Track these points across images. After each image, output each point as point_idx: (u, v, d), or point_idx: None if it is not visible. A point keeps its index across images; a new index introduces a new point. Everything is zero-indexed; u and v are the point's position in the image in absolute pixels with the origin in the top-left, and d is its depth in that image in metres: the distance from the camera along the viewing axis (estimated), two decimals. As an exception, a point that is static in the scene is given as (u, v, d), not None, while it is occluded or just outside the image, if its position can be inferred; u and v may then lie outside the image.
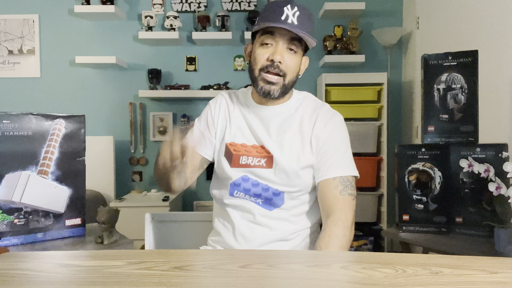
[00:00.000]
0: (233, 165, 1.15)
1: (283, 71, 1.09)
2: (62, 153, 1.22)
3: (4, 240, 1.13)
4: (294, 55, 1.10)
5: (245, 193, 1.15)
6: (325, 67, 3.20)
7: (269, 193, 1.13)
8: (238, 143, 1.17)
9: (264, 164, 1.14)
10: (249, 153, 1.15)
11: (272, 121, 1.16)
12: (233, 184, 1.16)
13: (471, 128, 1.54)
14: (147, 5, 3.23)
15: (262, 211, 1.14)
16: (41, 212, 1.19)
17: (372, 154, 2.97)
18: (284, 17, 1.05)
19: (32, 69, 3.24)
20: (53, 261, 0.72)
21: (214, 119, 1.22)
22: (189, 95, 3.14)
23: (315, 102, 1.22)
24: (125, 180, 3.28)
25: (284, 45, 1.08)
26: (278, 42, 1.08)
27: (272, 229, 1.13)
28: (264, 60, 1.09)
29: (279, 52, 1.07)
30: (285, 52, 1.09)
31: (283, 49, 1.08)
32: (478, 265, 0.68)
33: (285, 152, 1.13)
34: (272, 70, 1.08)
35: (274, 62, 1.07)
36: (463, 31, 2.28)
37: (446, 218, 1.51)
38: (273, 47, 1.09)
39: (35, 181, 1.17)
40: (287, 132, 1.15)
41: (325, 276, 0.62)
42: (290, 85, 1.13)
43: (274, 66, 1.08)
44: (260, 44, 1.10)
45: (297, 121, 1.16)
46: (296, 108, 1.18)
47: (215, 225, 1.22)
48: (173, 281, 0.62)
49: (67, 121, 1.23)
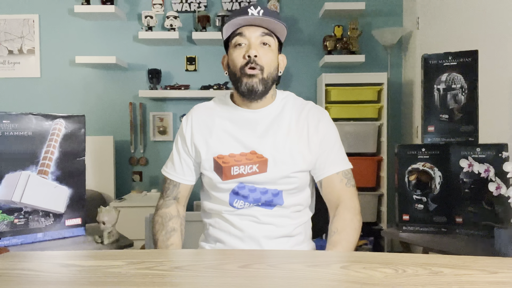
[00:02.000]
0: (225, 177, 1.14)
1: (259, 65, 1.10)
2: (62, 153, 1.22)
3: (4, 240, 1.13)
4: (268, 49, 1.12)
5: (244, 201, 1.14)
6: (325, 67, 3.20)
7: (269, 195, 1.13)
8: (225, 154, 1.14)
9: (257, 170, 1.12)
10: (239, 162, 1.13)
11: (260, 123, 1.16)
12: (231, 194, 1.15)
13: (471, 128, 1.54)
14: (147, 5, 3.23)
15: (264, 211, 1.15)
16: (41, 212, 1.19)
17: (372, 154, 2.97)
18: (249, 14, 1.09)
19: (32, 69, 3.24)
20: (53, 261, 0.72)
21: (187, 141, 1.19)
22: (189, 95, 3.14)
23: (299, 100, 1.23)
24: (125, 180, 3.28)
25: (257, 41, 1.11)
26: (250, 39, 1.11)
27: (277, 225, 1.15)
28: (241, 59, 1.11)
29: (252, 47, 1.10)
30: (259, 47, 1.11)
31: (256, 44, 1.11)
32: (478, 265, 0.68)
33: (281, 153, 1.12)
34: (250, 66, 1.10)
35: (250, 57, 1.09)
36: (463, 31, 2.28)
37: (446, 218, 1.51)
38: (246, 45, 1.11)
39: (35, 181, 1.17)
40: (278, 131, 1.14)
41: (325, 276, 0.62)
42: (270, 80, 1.13)
43: (251, 61, 1.09)
44: (234, 47, 1.13)
45: (287, 120, 1.16)
46: (282, 107, 1.18)
47: (215, 235, 1.19)
48: (173, 281, 0.62)
49: (67, 121, 1.23)
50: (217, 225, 1.19)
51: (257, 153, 1.12)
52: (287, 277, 0.63)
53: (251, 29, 1.11)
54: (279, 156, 1.12)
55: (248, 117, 1.16)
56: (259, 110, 1.16)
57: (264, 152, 1.12)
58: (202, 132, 1.18)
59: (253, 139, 1.14)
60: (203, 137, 1.17)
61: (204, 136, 1.17)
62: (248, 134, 1.14)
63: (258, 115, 1.16)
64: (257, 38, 1.11)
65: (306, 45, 3.23)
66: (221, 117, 1.18)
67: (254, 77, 1.10)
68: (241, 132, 1.15)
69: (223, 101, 1.22)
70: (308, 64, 3.21)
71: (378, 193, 2.98)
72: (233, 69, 1.13)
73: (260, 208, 1.14)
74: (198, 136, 1.18)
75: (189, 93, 3.14)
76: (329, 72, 3.04)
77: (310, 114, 1.17)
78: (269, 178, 1.12)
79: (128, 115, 3.26)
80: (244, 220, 1.14)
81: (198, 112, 1.21)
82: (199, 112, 1.22)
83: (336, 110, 2.93)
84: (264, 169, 1.12)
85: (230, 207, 1.15)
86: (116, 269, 0.66)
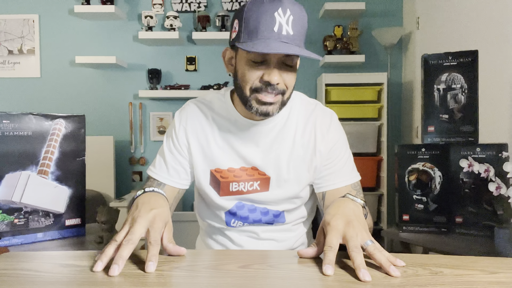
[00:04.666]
0: (223, 193, 1.01)
1: (281, 90, 0.90)
2: (62, 153, 1.22)
3: (4, 240, 1.13)
4: (291, 70, 0.90)
5: (243, 222, 1.04)
6: (325, 67, 3.20)
7: (270, 216, 1.04)
8: (224, 168, 1.00)
9: (258, 188, 1.00)
10: (239, 178, 1.00)
11: (264, 136, 1.00)
12: (228, 213, 1.04)
13: (471, 128, 1.54)
14: (147, 5, 3.23)
15: (264, 227, 1.07)
16: (41, 212, 1.19)
17: (372, 154, 2.97)
18: (277, 28, 0.83)
19: (32, 69, 3.24)
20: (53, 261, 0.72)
21: (180, 144, 1.03)
22: (189, 95, 3.14)
23: (305, 102, 1.05)
24: (125, 180, 3.28)
25: (279, 60, 0.88)
26: (271, 59, 0.87)
27: (278, 240, 1.07)
28: (256, 81, 0.88)
29: (275, 72, 0.87)
30: (281, 69, 0.88)
31: (278, 65, 0.88)
32: (478, 265, 0.68)
33: (283, 172, 1.00)
34: (269, 92, 0.88)
35: (271, 84, 0.87)
36: (463, 31, 2.28)
37: (446, 218, 1.51)
38: (266, 65, 0.88)
39: (35, 181, 1.17)
40: (282, 146, 1.00)
41: (325, 276, 0.62)
42: (288, 99, 0.95)
43: (271, 88, 0.88)
44: (247, 61, 0.89)
45: (292, 131, 1.01)
46: (288, 115, 1.01)
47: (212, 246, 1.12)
48: (173, 281, 0.62)
49: (67, 121, 1.23)
50: (215, 237, 1.12)
51: (259, 170, 1.00)
52: (287, 277, 0.63)
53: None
54: (283, 175, 1.00)
55: (250, 129, 0.99)
56: (264, 121, 0.98)
57: (267, 170, 1.00)
58: (198, 137, 1.02)
59: (256, 154, 1.00)
60: (199, 143, 1.02)
61: (201, 142, 1.02)
62: (251, 147, 1.00)
63: (261, 128, 0.99)
64: (280, 58, 0.87)
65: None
66: (220, 123, 1.02)
67: (271, 105, 0.90)
68: (243, 145, 1.00)
69: (223, 101, 1.03)
70: (308, 64, 3.21)
71: (378, 193, 2.98)
72: (242, 83, 0.91)
73: (260, 226, 1.06)
74: (194, 141, 1.02)
75: (189, 93, 3.14)
76: (329, 72, 3.03)
77: (318, 122, 1.01)
78: (270, 198, 1.02)
79: (128, 115, 3.26)
80: (243, 236, 1.07)
81: (194, 113, 1.04)
82: (195, 112, 1.04)
83: (336, 110, 2.87)
84: (266, 187, 1.01)
85: (227, 226, 1.07)
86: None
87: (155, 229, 0.72)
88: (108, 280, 0.61)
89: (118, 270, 0.63)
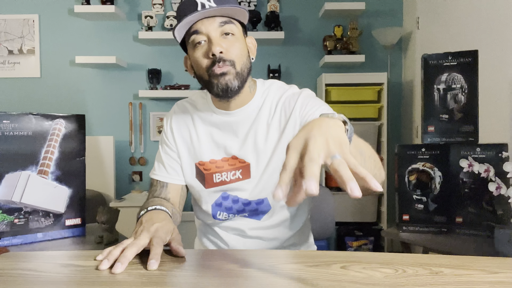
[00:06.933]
0: (208, 185, 1.05)
1: (229, 60, 0.94)
2: (62, 153, 1.22)
3: (4, 240, 1.13)
4: (233, 38, 0.96)
5: (228, 213, 1.07)
6: (325, 67, 3.20)
7: (252, 205, 1.06)
8: (206, 160, 1.05)
9: (241, 176, 1.03)
10: (221, 169, 1.04)
11: (241, 126, 1.04)
12: (214, 205, 1.08)
13: (471, 128, 1.54)
14: (147, 5, 3.23)
15: (251, 223, 1.07)
16: (41, 212, 1.19)
17: (372, 154, 2.96)
18: (199, 6, 0.91)
19: (32, 69, 3.24)
20: (53, 261, 0.72)
21: (170, 143, 1.10)
22: (189, 95, 3.11)
23: (282, 89, 1.06)
24: (125, 180, 3.28)
25: (217, 33, 0.94)
26: (208, 34, 0.94)
27: (265, 239, 1.08)
28: (205, 60, 0.95)
29: (214, 42, 0.93)
30: (222, 40, 0.94)
31: (217, 37, 0.94)
32: (478, 265, 0.68)
33: (262, 157, 1.02)
34: (219, 65, 0.93)
35: (216, 56, 0.93)
36: (463, 31, 2.28)
37: (446, 218, 1.51)
38: (206, 42, 0.95)
39: (35, 181, 1.17)
40: (257, 132, 1.03)
41: (325, 276, 0.62)
42: (245, 72, 0.98)
43: (217, 60, 0.93)
44: (193, 47, 0.97)
45: (265, 116, 1.03)
46: (263, 102, 1.04)
47: (206, 245, 1.16)
48: (173, 281, 0.62)
49: (67, 121, 1.23)
50: (207, 235, 1.15)
51: (239, 158, 1.03)
52: (287, 277, 0.63)
53: (207, 22, 0.93)
54: (262, 160, 1.02)
55: (228, 121, 1.04)
56: (238, 111, 1.03)
57: (246, 157, 1.03)
58: (182, 134, 1.09)
59: (235, 143, 1.04)
60: (183, 140, 1.08)
61: (185, 139, 1.08)
62: (230, 137, 1.04)
63: (237, 118, 1.04)
64: (216, 30, 0.94)
65: (306, 45, 3.23)
66: (202, 118, 1.08)
67: (226, 75, 0.94)
68: (223, 136, 1.05)
69: (205, 98, 1.10)
70: (308, 64, 3.22)
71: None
72: (199, 72, 0.98)
73: (247, 220, 1.07)
74: (179, 139, 1.08)
75: (189, 93, 3.14)
76: (329, 72, 3.03)
77: (287, 101, 1.02)
78: (254, 184, 1.03)
79: (128, 115, 3.26)
80: (230, 234, 1.09)
81: (178, 112, 1.11)
82: (179, 112, 1.11)
83: (336, 110, 2.87)
84: (248, 175, 1.03)
85: (214, 219, 1.09)
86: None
87: (158, 236, 0.76)
88: (109, 280, 0.61)
89: (121, 268, 0.66)
